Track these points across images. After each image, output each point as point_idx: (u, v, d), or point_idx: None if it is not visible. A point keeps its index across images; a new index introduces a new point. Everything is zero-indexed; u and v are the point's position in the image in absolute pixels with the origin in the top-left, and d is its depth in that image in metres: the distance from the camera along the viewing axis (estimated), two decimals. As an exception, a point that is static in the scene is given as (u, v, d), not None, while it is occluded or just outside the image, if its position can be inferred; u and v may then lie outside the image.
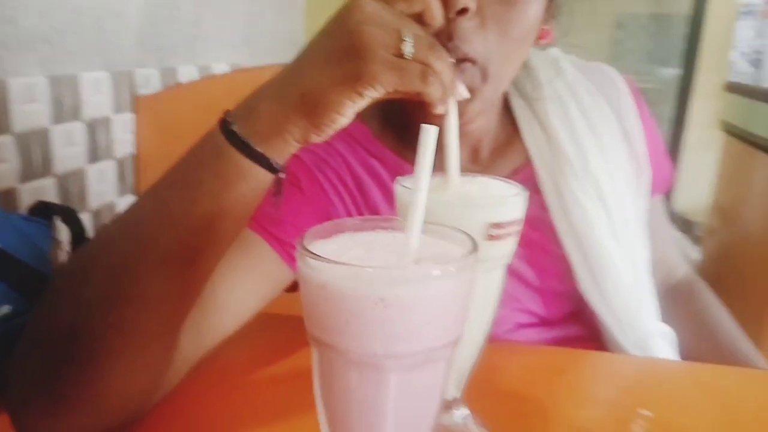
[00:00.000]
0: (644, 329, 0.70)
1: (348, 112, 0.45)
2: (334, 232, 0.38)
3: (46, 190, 1.07)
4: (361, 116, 0.52)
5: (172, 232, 0.47)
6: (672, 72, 2.61)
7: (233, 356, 0.62)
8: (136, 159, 1.19)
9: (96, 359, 0.46)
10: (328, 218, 0.63)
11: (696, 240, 2.88)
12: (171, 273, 0.47)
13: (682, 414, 0.58)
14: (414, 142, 0.67)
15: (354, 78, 0.43)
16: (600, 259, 0.68)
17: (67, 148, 1.13)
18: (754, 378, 0.66)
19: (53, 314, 0.48)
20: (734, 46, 2.66)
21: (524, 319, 0.71)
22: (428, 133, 0.36)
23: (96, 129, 1.21)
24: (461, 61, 0.56)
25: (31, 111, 1.04)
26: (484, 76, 0.58)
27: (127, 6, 1.28)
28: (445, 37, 0.54)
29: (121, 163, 1.30)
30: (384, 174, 0.68)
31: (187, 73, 1.52)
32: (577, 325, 0.73)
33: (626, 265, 0.70)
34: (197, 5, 1.56)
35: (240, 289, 0.58)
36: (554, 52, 0.75)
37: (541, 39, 0.63)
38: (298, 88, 0.45)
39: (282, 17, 2.13)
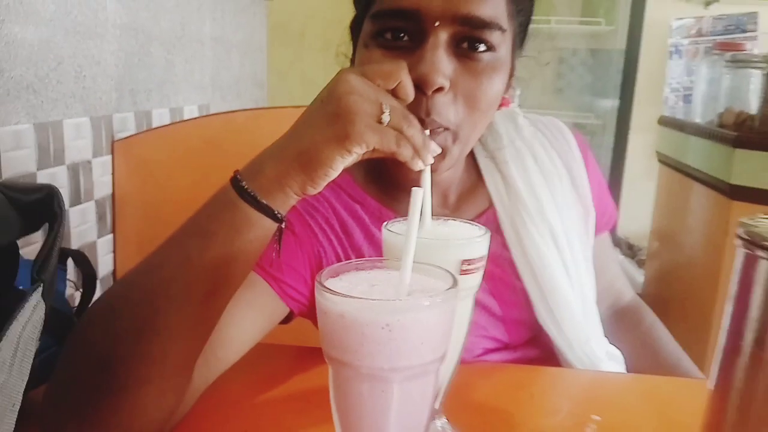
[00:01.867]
0: (593, 354, 0.79)
1: (338, 166, 0.54)
2: (341, 271, 0.46)
3: (34, 232, 1.12)
4: (346, 168, 0.61)
5: (191, 274, 0.54)
6: (611, 103, 2.78)
7: (236, 382, 0.69)
8: (114, 200, 1.25)
9: (126, 387, 0.53)
10: (318, 258, 0.73)
11: (640, 264, 3.05)
12: (190, 309, 0.54)
13: (627, 418, 0.67)
14: (391, 191, 0.77)
15: (343, 137, 0.51)
16: (553, 291, 0.77)
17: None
18: (690, 386, 0.77)
19: (86, 347, 0.54)
20: (667, 83, 2.87)
21: (490, 345, 0.80)
22: (417, 194, 0.46)
23: (77, 172, 1.26)
24: (438, 127, 0.65)
25: (18, 157, 1.09)
26: (455, 138, 0.68)
27: (104, 53, 1.35)
28: (423, 112, 0.64)
29: (100, 204, 1.35)
30: (365, 217, 0.76)
31: (160, 116, 1.59)
32: (536, 349, 0.82)
33: (576, 297, 0.79)
34: (168, 51, 1.63)
35: (241, 323, 0.65)
36: (513, 109, 0.86)
37: (501, 106, 0.74)
38: (296, 147, 0.54)
39: (246, 59, 2.22)
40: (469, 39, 0.66)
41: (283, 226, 0.57)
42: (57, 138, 1.20)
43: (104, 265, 1.40)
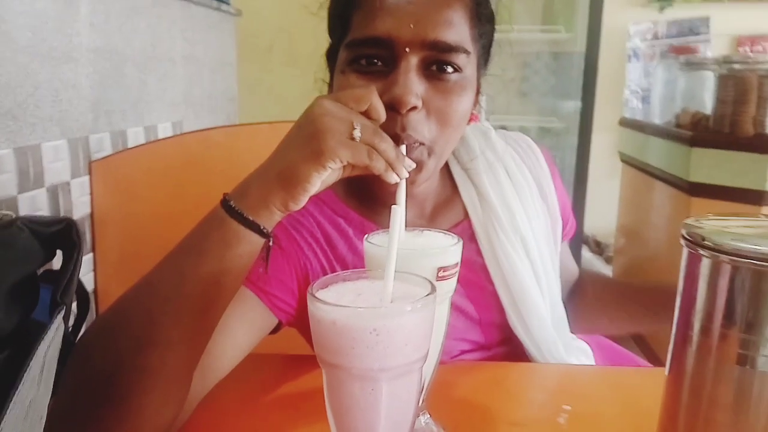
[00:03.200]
0: (561, 358, 0.84)
1: (315, 182, 0.58)
2: (330, 282, 0.51)
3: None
4: (329, 185, 0.67)
5: (186, 288, 0.58)
6: (574, 105, 2.87)
7: (232, 391, 0.73)
8: (93, 220, 1.27)
9: (129, 397, 0.57)
10: (304, 270, 0.77)
11: (608, 260, 3.15)
12: (186, 321, 0.59)
13: (595, 406, 0.73)
14: (371, 205, 0.83)
15: (318, 153, 0.56)
16: (523, 298, 0.82)
17: (32, 214, 1.20)
18: (651, 375, 0.83)
19: (90, 362, 0.58)
20: (627, 85, 2.98)
21: (466, 346, 0.85)
22: (396, 212, 0.51)
23: (57, 194, 1.28)
24: (414, 142, 0.70)
25: (0, 182, 1.11)
26: (430, 153, 0.73)
27: (79, 77, 1.37)
28: (399, 128, 0.69)
29: (80, 225, 1.37)
30: (348, 230, 0.81)
31: (135, 134, 1.62)
32: (509, 348, 0.87)
33: (546, 304, 0.84)
34: (140, 71, 1.66)
35: (234, 334, 0.69)
36: (485, 125, 0.92)
37: (470, 122, 0.80)
38: (277, 167, 0.59)
39: (217, 75, 2.26)
40: (437, 62, 0.71)
41: (270, 243, 0.61)
42: (36, 161, 1.22)
43: (85, 284, 1.42)
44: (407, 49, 0.69)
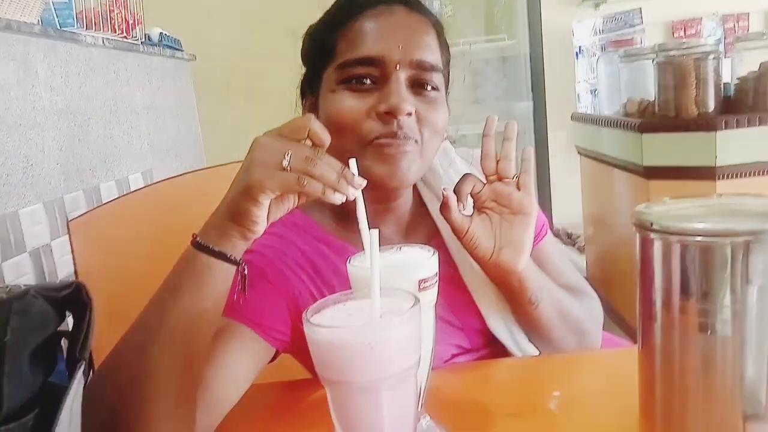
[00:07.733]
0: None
1: (257, 214, 0.62)
2: (323, 307, 0.56)
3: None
4: (310, 213, 0.77)
5: (170, 320, 0.64)
6: (527, 106, 2.97)
7: (240, 422, 0.76)
8: (77, 277, 1.29)
9: (134, 428, 0.62)
10: (294, 298, 0.82)
11: (580, 250, 3.24)
12: (175, 349, 0.64)
13: (582, 388, 0.79)
14: (347, 224, 0.87)
15: (247, 188, 0.61)
16: (499, 302, 0.87)
17: (17, 280, 1.22)
18: (628, 354, 0.87)
19: (96, 400, 0.62)
20: (577, 81, 3.10)
21: (455, 351, 0.89)
22: (373, 236, 0.56)
23: (39, 257, 1.30)
24: (410, 138, 0.78)
25: (-17, 253, 1.14)
26: (421, 153, 0.81)
27: (47, 140, 1.40)
28: (396, 128, 0.77)
29: (65, 284, 1.39)
30: (330, 254, 0.85)
31: (107, 189, 1.64)
32: (495, 347, 0.92)
33: None
34: (105, 126, 1.69)
35: (234, 368, 0.74)
36: (446, 144, 0.98)
37: None
38: (225, 204, 0.65)
39: (180, 120, 2.29)
40: (418, 81, 0.80)
41: (245, 271, 0.67)
42: (15, 228, 1.24)
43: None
44: (397, 67, 0.78)
